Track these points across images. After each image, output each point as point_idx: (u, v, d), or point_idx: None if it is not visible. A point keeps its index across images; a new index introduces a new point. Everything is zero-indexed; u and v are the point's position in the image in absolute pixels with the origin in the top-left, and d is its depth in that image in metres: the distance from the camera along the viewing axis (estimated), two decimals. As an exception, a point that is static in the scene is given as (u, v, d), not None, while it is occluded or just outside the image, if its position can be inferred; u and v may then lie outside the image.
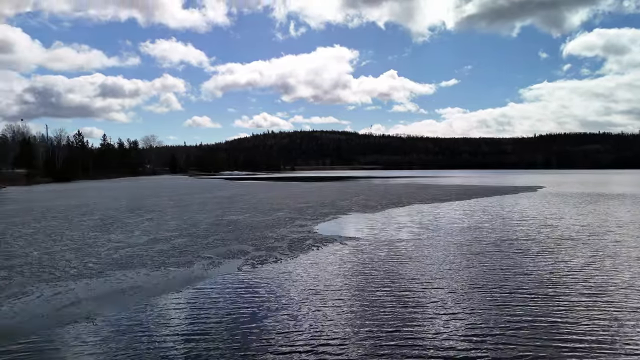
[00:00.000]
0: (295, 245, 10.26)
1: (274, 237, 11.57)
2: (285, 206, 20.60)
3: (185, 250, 9.69)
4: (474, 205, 20.67)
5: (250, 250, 9.75)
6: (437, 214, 17.05)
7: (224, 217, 16.20)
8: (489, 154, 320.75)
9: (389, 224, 14.35)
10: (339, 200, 23.60)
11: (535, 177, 69.63)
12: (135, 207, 20.61)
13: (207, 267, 8.07)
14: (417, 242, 10.64)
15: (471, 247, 9.93)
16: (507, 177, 76.13)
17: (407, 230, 12.90)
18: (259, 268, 8.05)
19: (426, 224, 14.24)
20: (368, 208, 19.44)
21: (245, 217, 16.14)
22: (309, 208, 19.52)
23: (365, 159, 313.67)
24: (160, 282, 7.04)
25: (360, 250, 9.70)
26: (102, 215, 17.31)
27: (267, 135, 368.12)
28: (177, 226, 13.81)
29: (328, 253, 9.45)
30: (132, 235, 12.04)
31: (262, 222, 14.79)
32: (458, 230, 12.75)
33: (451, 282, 7.01)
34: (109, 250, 9.78)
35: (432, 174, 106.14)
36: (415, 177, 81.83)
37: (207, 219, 15.65)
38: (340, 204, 21.31)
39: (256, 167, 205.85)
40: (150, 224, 14.49)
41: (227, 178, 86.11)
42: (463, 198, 25.25)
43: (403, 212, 17.85)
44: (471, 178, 69.75)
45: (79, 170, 74.10)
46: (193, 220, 15.47)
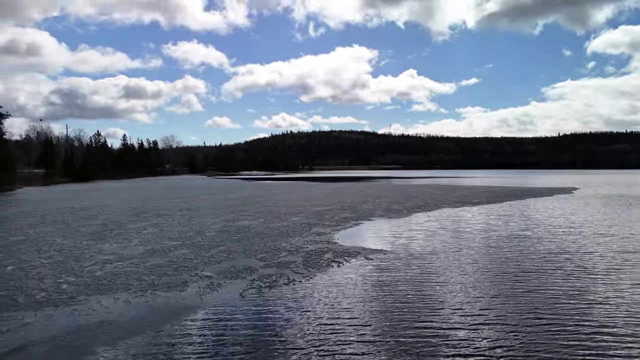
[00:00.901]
0: (312, 261, 8.70)
1: (287, 248, 10.03)
2: (302, 209, 19.08)
3: (183, 266, 8.23)
4: (508, 210, 18.77)
5: (258, 266, 8.23)
6: (470, 220, 15.26)
7: (235, 223, 14.76)
8: (511, 153, 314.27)
9: (418, 232, 12.67)
10: (359, 203, 21.96)
11: (563, 178, 66.59)
12: (144, 210, 19.38)
13: (202, 292, 6.57)
14: (453, 257, 8.96)
15: (519, 264, 8.20)
16: (534, 177, 73.14)
17: (439, 240, 11.21)
18: (266, 293, 6.50)
19: (460, 232, 12.51)
20: (392, 212, 17.77)
21: (258, 223, 14.67)
22: (328, 212, 17.95)
23: (384, 158, 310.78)
24: (138, 315, 5.56)
25: (387, 268, 8.08)
26: (105, 219, 16.08)
27: (286, 135, 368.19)
28: (181, 233, 12.41)
29: (350, 272, 7.85)
30: (128, 245, 10.68)
31: (275, 229, 13.28)
32: (498, 240, 11.00)
33: (502, 314, 5.34)
34: (95, 265, 8.39)
35: (453, 174, 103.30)
36: (437, 177, 79.43)
37: (216, 225, 14.23)
38: (362, 208, 19.67)
39: (275, 167, 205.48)
40: (153, 230, 13.14)
41: (245, 178, 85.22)
42: (494, 201, 23.31)
43: (432, 218, 16.11)
44: (496, 178, 67.13)
45: (98, 171, 74.11)
46: (200, 226, 14.07)
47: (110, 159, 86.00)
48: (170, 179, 79.06)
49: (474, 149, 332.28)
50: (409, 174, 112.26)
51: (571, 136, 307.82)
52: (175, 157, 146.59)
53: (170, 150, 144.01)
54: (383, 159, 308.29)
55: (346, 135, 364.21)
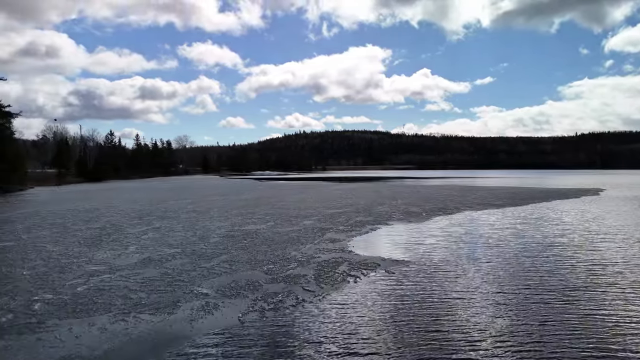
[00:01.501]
0: (324, 275, 7.62)
1: (297, 258, 8.97)
2: (314, 212, 18.02)
3: (178, 280, 7.23)
4: (536, 213, 17.45)
5: (263, 281, 7.18)
6: (497, 225, 14.03)
7: (242, 227, 13.76)
8: (526, 153, 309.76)
9: (441, 239, 11.50)
10: (375, 205, 20.82)
11: (585, 179, 64.43)
12: (149, 212, 18.53)
13: (194, 316, 5.53)
14: (485, 270, 7.80)
15: (564, 280, 7.01)
16: (553, 178, 71.05)
17: (467, 248, 10.04)
18: (269, 319, 5.43)
19: (488, 238, 11.32)
20: (411, 216, 16.60)
21: (266, 227, 13.65)
22: (342, 215, 16.86)
23: (397, 158, 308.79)
24: (111, 349, 4.54)
25: (412, 285, 6.97)
26: (106, 222, 15.23)
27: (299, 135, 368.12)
28: (183, 239, 11.45)
29: (369, 289, 6.75)
30: (123, 252, 9.73)
31: (285, 234, 12.24)
32: (532, 249, 9.79)
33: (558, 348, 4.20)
34: (80, 278, 7.44)
35: (469, 174, 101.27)
36: (452, 177, 77.72)
37: (222, 229, 13.25)
38: (378, 210, 18.54)
39: (287, 167, 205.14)
40: (154, 235, 12.20)
41: (257, 178, 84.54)
42: (518, 203, 21.95)
43: (454, 222, 14.92)
44: (514, 179, 65.26)
45: (110, 171, 74.08)
46: (205, 230, 13.10)
47: (124, 159, 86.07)
48: (182, 179, 78.74)
49: (489, 148, 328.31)
50: (423, 174, 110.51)
51: (589, 136, 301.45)
52: (188, 157, 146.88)
53: (183, 150, 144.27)
54: (396, 159, 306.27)
55: (359, 135, 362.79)
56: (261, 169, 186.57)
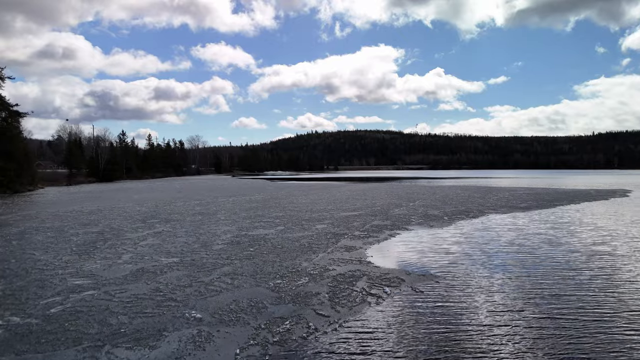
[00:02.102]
0: (340, 293, 6.52)
1: (308, 271, 7.89)
2: (327, 215, 16.93)
3: (169, 300, 6.20)
4: (565, 216, 16.12)
5: (268, 301, 6.12)
6: (528, 230, 12.77)
7: (250, 232, 12.73)
8: (542, 153, 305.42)
9: (470, 247, 10.32)
10: (391, 208, 19.65)
11: (606, 179, 62.26)
12: (153, 214, 17.63)
13: (181, 352, 4.45)
14: (525, 286, 6.63)
15: (616, 296, 5.82)
16: (573, 178, 68.91)
17: (498, 259, 8.85)
18: (274, 355, 4.37)
19: (519, 246, 10.10)
20: (431, 219, 15.41)
21: (276, 232, 12.59)
22: (357, 218, 15.75)
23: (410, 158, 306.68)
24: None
25: (445, 307, 5.84)
26: (106, 225, 14.33)
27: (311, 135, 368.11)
28: (183, 246, 10.45)
29: (394, 313, 5.64)
30: (115, 262, 8.75)
31: (296, 240, 11.18)
32: (575, 260, 8.57)
33: None
34: (59, 295, 6.45)
35: (485, 174, 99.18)
36: (468, 177, 75.91)
37: (228, 234, 12.23)
38: (395, 213, 17.37)
39: (299, 167, 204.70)
40: (153, 241, 11.23)
41: (269, 178, 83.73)
42: (544, 205, 20.58)
43: (479, 227, 13.70)
44: (532, 179, 63.34)
45: (122, 171, 73.89)
46: (209, 235, 12.09)
47: (136, 159, 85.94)
48: (194, 179, 78.25)
49: (503, 148, 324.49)
50: (437, 174, 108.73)
51: (606, 135, 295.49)
52: (201, 157, 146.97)
53: (196, 150, 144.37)
54: (409, 158, 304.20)
55: (371, 134, 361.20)
56: (273, 169, 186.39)
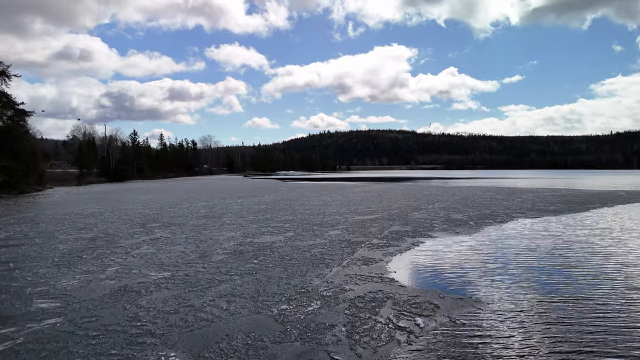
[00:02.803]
0: (361, 326, 5.18)
1: (321, 292, 6.58)
2: (341, 219, 15.60)
3: (146, 334, 4.94)
4: (601, 221, 14.55)
5: (270, 339, 4.81)
6: (564, 238, 11.28)
7: (256, 238, 11.47)
8: (559, 153, 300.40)
9: (507, 259, 8.90)
10: (410, 211, 18.25)
11: (630, 179, 59.83)
12: (155, 217, 16.50)
13: None
14: (592, 316, 5.23)
15: None
16: (595, 178, 66.51)
17: (543, 274, 7.44)
18: None
19: (563, 258, 8.65)
20: (456, 225, 13.98)
21: (284, 240, 11.31)
22: (374, 223, 14.39)
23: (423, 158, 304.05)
24: None
25: (495, 347, 4.48)
26: (101, 230, 13.21)
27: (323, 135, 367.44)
28: (179, 257, 9.22)
29: (431, 357, 4.31)
30: (97, 277, 7.55)
31: (306, 249, 9.88)
32: (630, 277, 7.12)
33: None
34: (16, 324, 5.23)
35: (501, 174, 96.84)
36: (484, 178, 73.85)
37: (231, 242, 10.99)
38: (414, 218, 15.98)
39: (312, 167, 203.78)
40: (147, 250, 10.03)
41: (280, 178, 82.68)
42: (576, 209, 18.97)
43: (512, 234, 12.24)
44: (553, 180, 61.17)
45: (133, 171, 73.47)
46: (211, 243, 10.86)
47: (148, 159, 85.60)
48: (205, 179, 77.53)
49: (518, 148, 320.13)
50: (452, 174, 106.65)
51: (625, 134, 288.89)
52: (213, 157, 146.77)
53: (208, 150, 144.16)
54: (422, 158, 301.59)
55: (384, 134, 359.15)
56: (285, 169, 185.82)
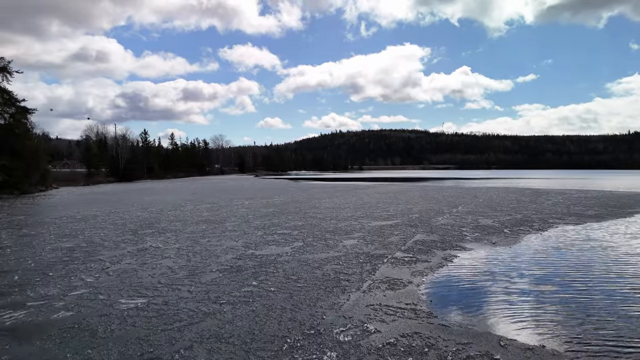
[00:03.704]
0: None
1: (336, 336, 4.90)
2: (356, 225, 13.92)
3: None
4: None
5: None
6: (621, 249, 9.45)
7: (258, 250, 9.85)
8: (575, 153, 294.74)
9: (562, 279, 7.13)
10: (433, 215, 16.48)
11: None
12: (151, 222, 15.00)
13: None
14: None
15: None
16: (620, 179, 63.71)
17: (622, 304, 5.68)
18: None
19: (635, 276, 6.88)
20: (489, 233, 12.20)
21: (291, 251, 9.67)
22: (394, 230, 12.68)
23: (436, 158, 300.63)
24: None
25: None
26: (85, 239, 11.71)
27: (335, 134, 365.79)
28: (163, 275, 7.64)
29: None
30: (53, 305, 5.98)
31: (317, 266, 8.22)
32: None
33: None
34: None
35: (517, 175, 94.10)
36: (502, 178, 71.41)
37: (229, 254, 9.38)
38: (439, 223, 14.22)
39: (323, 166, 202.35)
40: (128, 265, 8.46)
41: (292, 178, 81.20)
42: (617, 213, 17.01)
43: (558, 245, 10.41)
44: (576, 180, 58.64)
45: (143, 170, 72.60)
46: (206, 255, 9.27)
47: (157, 158, 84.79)
48: (215, 179, 76.38)
49: (533, 147, 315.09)
50: (467, 174, 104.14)
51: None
52: (225, 156, 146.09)
53: (219, 150, 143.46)
54: (436, 158, 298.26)
55: (396, 134, 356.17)
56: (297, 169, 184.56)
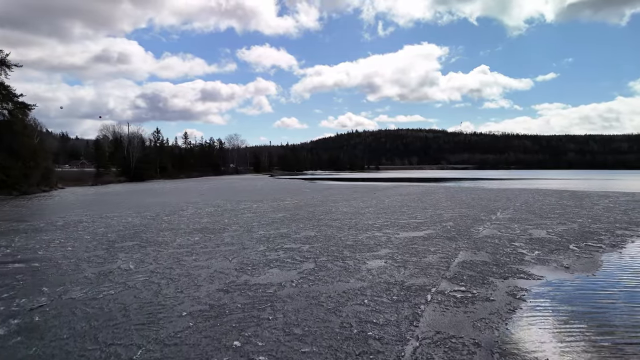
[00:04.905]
0: None
1: None
2: (381, 237, 11.40)
3: None
4: None
5: None
6: None
7: (255, 275, 7.42)
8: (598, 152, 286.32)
9: None
10: (471, 224, 13.86)
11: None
12: (136, 232, 12.75)
13: None
14: None
15: None
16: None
17: None
18: None
19: None
20: (552, 250, 9.54)
21: (298, 279, 7.21)
22: (429, 244, 10.13)
23: (455, 157, 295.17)
24: None
25: None
26: (42, 257, 9.47)
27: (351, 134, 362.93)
28: (114, 317, 5.26)
29: None
30: None
31: (332, 305, 5.74)
32: None
33: None
34: None
35: (542, 175, 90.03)
36: (526, 178, 67.82)
37: (215, 282, 6.98)
38: (482, 235, 11.61)
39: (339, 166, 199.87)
40: (72, 301, 6.12)
41: (307, 178, 78.91)
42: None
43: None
44: (606, 181, 55.00)
45: (155, 170, 71.12)
46: (181, 286, 6.87)
47: (171, 158, 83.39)
48: (229, 179, 74.51)
49: (555, 147, 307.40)
50: (489, 174, 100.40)
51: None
52: (240, 156, 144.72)
53: (235, 149, 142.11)
54: (454, 158, 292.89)
55: (414, 133, 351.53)
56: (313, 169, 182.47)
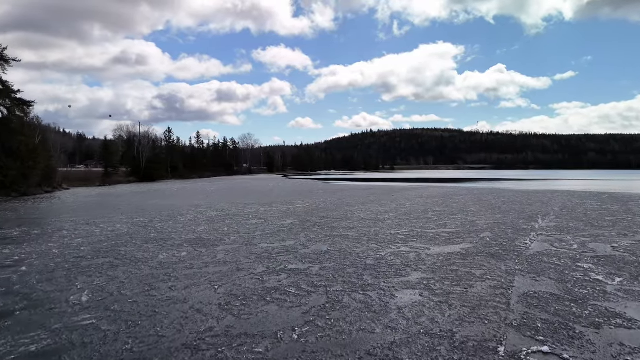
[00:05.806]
0: None
1: None
2: (409, 252, 9.33)
3: None
4: None
5: None
6: None
7: (242, 319, 5.43)
8: (620, 152, 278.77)
9: None
10: (511, 234, 11.68)
11: None
12: (115, 245, 10.91)
13: None
14: None
15: None
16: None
17: None
18: None
19: None
20: (633, 276, 7.38)
21: (303, 324, 5.21)
22: (471, 265, 8.03)
23: (471, 157, 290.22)
24: None
25: None
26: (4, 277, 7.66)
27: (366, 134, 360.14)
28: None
29: None
30: None
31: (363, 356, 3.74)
32: None
33: None
34: None
35: (563, 176, 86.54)
36: (549, 179, 64.76)
37: (186, 331, 5.00)
38: (534, 252, 9.45)
39: (354, 166, 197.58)
40: None
41: (321, 179, 76.94)
42: None
43: None
44: (635, 182, 51.83)
45: (166, 170, 69.90)
46: (140, 336, 4.92)
47: (182, 157, 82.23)
48: (241, 179, 72.95)
49: (574, 147, 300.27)
50: (508, 175, 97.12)
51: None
52: (254, 156, 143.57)
53: (248, 149, 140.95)
54: (470, 157, 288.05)
55: (429, 133, 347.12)
56: (327, 169, 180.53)
